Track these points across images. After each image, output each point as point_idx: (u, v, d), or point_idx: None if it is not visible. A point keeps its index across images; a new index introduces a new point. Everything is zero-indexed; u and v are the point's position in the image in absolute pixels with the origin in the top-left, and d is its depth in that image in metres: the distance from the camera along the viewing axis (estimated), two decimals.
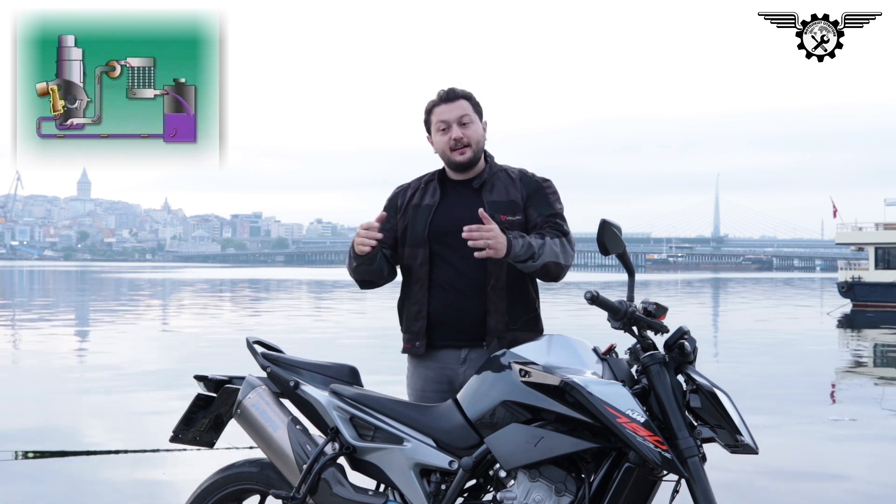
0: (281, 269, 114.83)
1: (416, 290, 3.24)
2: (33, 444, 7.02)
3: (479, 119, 3.29)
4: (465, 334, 3.20)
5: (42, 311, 26.36)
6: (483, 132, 3.29)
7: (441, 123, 3.25)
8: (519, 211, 3.24)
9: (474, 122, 3.26)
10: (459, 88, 3.30)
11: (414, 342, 3.25)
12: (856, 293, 38.01)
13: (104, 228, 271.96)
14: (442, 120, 3.25)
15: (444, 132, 3.25)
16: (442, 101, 3.27)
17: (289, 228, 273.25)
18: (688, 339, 2.69)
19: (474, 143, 3.24)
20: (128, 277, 67.17)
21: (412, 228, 3.27)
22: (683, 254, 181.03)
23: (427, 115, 3.31)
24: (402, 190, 3.38)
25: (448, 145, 3.23)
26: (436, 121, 3.27)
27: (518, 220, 3.22)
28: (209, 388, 3.18)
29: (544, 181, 3.33)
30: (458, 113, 3.24)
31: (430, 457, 2.83)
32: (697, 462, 2.58)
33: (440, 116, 3.26)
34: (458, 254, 3.18)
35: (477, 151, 3.26)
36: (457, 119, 3.23)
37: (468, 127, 3.24)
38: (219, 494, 3.13)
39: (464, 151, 3.23)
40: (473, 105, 3.28)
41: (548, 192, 3.30)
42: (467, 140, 3.22)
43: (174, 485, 5.66)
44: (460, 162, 3.24)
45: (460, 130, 3.23)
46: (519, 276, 3.24)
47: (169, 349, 15.26)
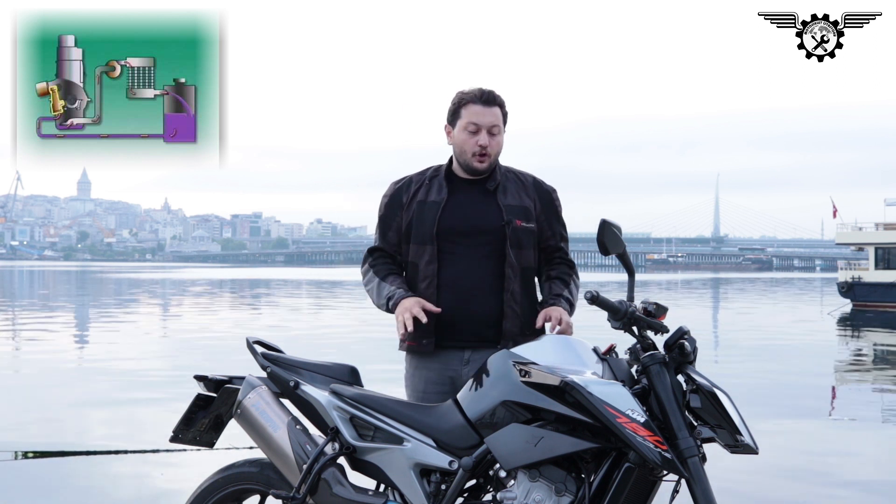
0: (281, 270, 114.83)
1: (424, 287, 3.19)
2: (33, 445, 7.02)
3: (503, 129, 3.26)
4: (472, 336, 3.18)
5: (42, 311, 26.36)
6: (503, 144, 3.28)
7: (472, 125, 3.19)
8: (532, 219, 3.24)
9: (501, 134, 3.23)
10: (499, 95, 3.24)
11: (421, 340, 3.20)
12: (856, 293, 38.01)
13: (104, 228, 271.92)
14: (473, 121, 3.19)
15: (473, 134, 3.19)
16: (480, 101, 3.20)
17: (289, 228, 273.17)
18: (688, 339, 2.69)
19: (495, 154, 3.22)
20: (128, 277, 67.17)
21: (418, 225, 3.22)
22: (683, 254, 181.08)
23: (457, 107, 3.23)
24: (404, 184, 3.31)
25: (472, 150, 3.19)
26: (467, 119, 3.19)
27: (531, 228, 3.24)
28: (209, 388, 3.18)
29: (553, 191, 3.35)
30: (492, 120, 3.19)
31: (430, 457, 2.83)
32: (697, 462, 2.58)
33: (473, 117, 3.19)
34: (466, 253, 3.18)
35: (494, 163, 3.24)
36: (489, 126, 3.18)
37: (495, 137, 3.20)
38: (219, 494, 3.13)
39: (483, 160, 3.20)
40: (504, 115, 3.24)
41: (558, 208, 3.34)
42: (491, 150, 3.20)
43: (174, 485, 5.65)
44: (477, 169, 3.21)
45: (488, 139, 3.18)
46: (529, 286, 3.27)
47: (169, 349, 15.26)
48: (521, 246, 3.21)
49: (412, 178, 3.33)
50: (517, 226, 3.19)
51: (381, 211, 3.33)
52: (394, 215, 3.28)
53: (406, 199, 3.27)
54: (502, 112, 3.23)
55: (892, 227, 42.10)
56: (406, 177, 3.35)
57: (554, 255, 3.31)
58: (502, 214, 3.19)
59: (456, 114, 3.23)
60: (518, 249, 3.20)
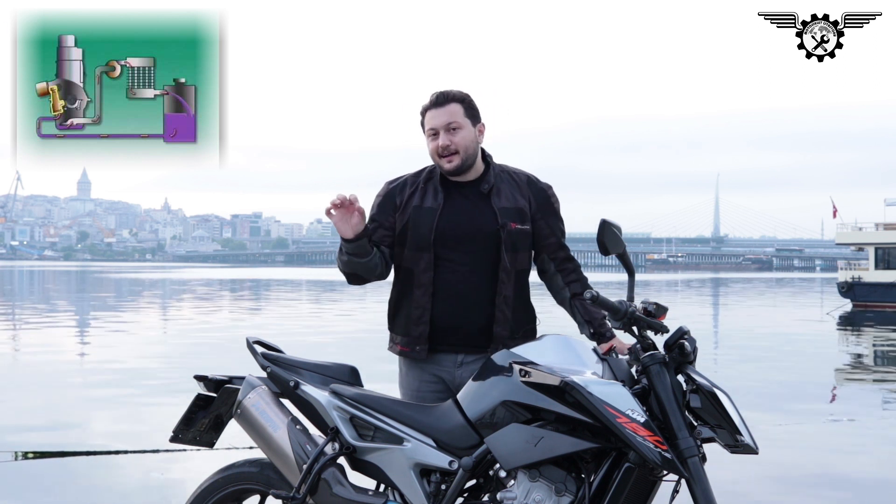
0: (281, 270, 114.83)
1: (419, 294, 3.18)
2: (33, 445, 7.02)
3: (471, 123, 3.19)
4: (466, 341, 3.18)
5: (42, 312, 26.35)
6: (476, 136, 3.21)
7: (430, 130, 3.19)
8: (528, 220, 3.22)
9: (464, 128, 3.17)
10: (454, 91, 3.20)
11: (414, 346, 3.20)
12: (856, 293, 38.01)
13: (104, 228, 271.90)
14: (431, 126, 3.18)
15: (433, 138, 3.18)
16: (432, 105, 3.19)
17: (289, 228, 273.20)
18: (688, 339, 2.69)
19: (462, 149, 3.16)
20: (128, 277, 67.16)
21: (414, 231, 3.18)
22: (683, 254, 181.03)
23: (421, 119, 3.24)
24: (398, 186, 3.27)
25: (436, 152, 3.18)
26: (427, 126, 3.20)
27: (526, 230, 3.21)
28: (209, 388, 3.18)
29: (549, 188, 3.32)
30: (446, 119, 3.16)
31: (430, 457, 2.83)
32: (697, 462, 2.58)
33: (430, 122, 3.19)
34: (462, 259, 3.16)
35: (466, 158, 3.18)
36: (444, 125, 3.15)
37: (456, 133, 3.16)
38: (219, 494, 3.13)
39: (451, 159, 3.17)
40: (466, 108, 3.19)
41: (555, 205, 3.31)
42: (455, 147, 3.15)
43: (174, 485, 5.66)
44: (448, 170, 3.18)
45: (447, 137, 3.15)
46: (523, 287, 3.25)
47: (169, 349, 15.25)
48: (515, 249, 3.19)
49: (407, 179, 3.29)
50: (512, 229, 3.17)
51: (373, 210, 3.29)
52: (385, 215, 3.24)
53: (400, 201, 3.24)
54: (463, 106, 3.18)
55: (892, 227, 42.11)
56: (401, 178, 3.32)
57: (557, 253, 3.29)
58: (497, 218, 3.17)
59: (423, 125, 3.24)
60: (513, 253, 3.18)
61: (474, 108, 3.23)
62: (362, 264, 3.17)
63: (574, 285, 3.27)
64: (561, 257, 3.30)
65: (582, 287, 3.24)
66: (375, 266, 3.21)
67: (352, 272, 3.22)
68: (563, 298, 3.30)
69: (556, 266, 3.29)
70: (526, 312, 3.26)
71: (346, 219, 3.10)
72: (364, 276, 3.23)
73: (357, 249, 3.13)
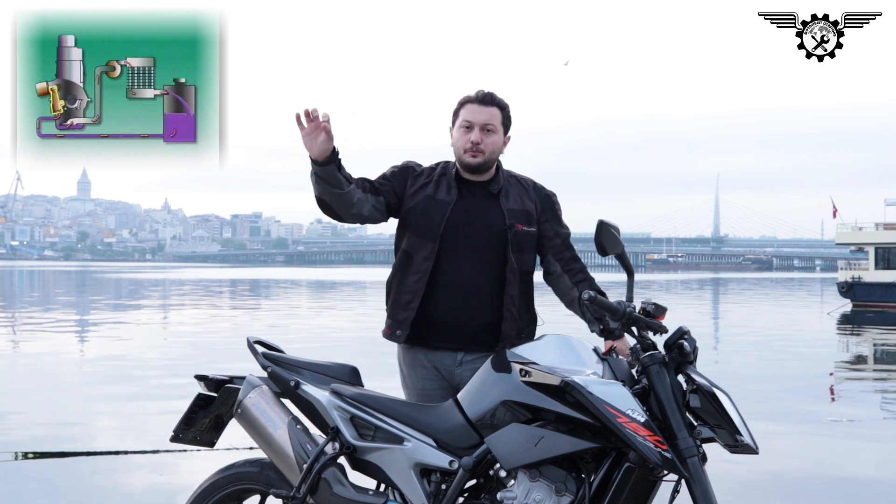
0: (281, 270, 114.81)
1: (413, 280, 3.22)
2: (34, 445, 7.02)
3: (504, 132, 3.28)
4: (468, 338, 3.21)
5: (42, 312, 26.35)
6: (503, 145, 3.29)
7: (466, 122, 3.24)
8: (534, 222, 3.28)
9: (497, 133, 3.25)
10: (499, 97, 3.29)
11: (395, 330, 3.25)
12: (856, 293, 38.00)
13: (104, 228, 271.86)
14: (468, 119, 3.24)
15: (466, 131, 3.24)
16: (476, 100, 3.26)
17: (289, 228, 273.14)
18: (687, 339, 2.70)
19: (489, 151, 3.24)
20: (128, 277, 67.15)
21: (424, 218, 3.23)
22: (683, 254, 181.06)
23: (457, 108, 3.29)
24: (416, 169, 3.34)
25: (464, 145, 3.23)
26: (463, 117, 3.26)
27: (532, 232, 3.27)
28: (210, 387, 3.18)
29: (553, 195, 3.39)
30: (485, 118, 3.23)
31: (430, 457, 2.83)
32: (697, 462, 2.58)
33: (468, 115, 3.24)
34: (468, 256, 3.20)
35: (489, 160, 3.26)
36: (482, 123, 3.22)
37: (489, 135, 3.23)
38: (219, 494, 3.13)
39: (476, 155, 3.23)
40: (504, 117, 3.28)
41: (558, 211, 3.38)
42: (483, 147, 3.22)
43: (174, 485, 5.66)
44: (469, 164, 3.24)
45: (480, 135, 3.22)
46: (527, 289, 3.28)
47: (169, 349, 15.25)
48: (522, 250, 3.24)
49: (424, 169, 3.35)
50: (519, 230, 3.23)
51: (387, 171, 3.33)
52: (396, 180, 3.28)
53: (412, 183, 3.29)
54: (502, 114, 3.27)
55: (892, 227, 42.11)
56: (420, 166, 3.37)
57: (563, 254, 3.32)
58: (505, 218, 3.23)
59: (456, 114, 3.30)
60: (519, 253, 3.23)
61: (510, 119, 3.31)
62: (335, 195, 3.11)
63: (582, 285, 3.28)
64: (567, 257, 3.32)
65: (590, 286, 3.26)
66: (351, 202, 3.14)
67: (322, 198, 3.15)
68: (571, 299, 3.32)
69: (563, 266, 3.31)
70: (529, 314, 3.31)
71: (313, 135, 3.05)
72: (336, 210, 3.16)
73: (326, 175, 3.06)
